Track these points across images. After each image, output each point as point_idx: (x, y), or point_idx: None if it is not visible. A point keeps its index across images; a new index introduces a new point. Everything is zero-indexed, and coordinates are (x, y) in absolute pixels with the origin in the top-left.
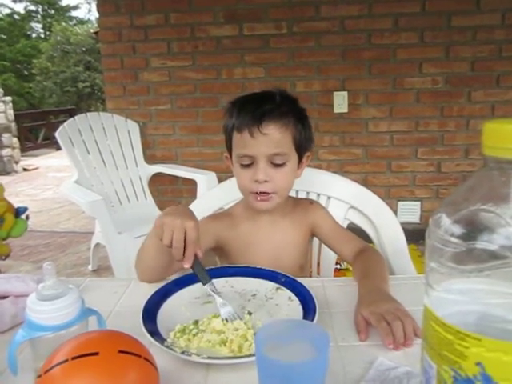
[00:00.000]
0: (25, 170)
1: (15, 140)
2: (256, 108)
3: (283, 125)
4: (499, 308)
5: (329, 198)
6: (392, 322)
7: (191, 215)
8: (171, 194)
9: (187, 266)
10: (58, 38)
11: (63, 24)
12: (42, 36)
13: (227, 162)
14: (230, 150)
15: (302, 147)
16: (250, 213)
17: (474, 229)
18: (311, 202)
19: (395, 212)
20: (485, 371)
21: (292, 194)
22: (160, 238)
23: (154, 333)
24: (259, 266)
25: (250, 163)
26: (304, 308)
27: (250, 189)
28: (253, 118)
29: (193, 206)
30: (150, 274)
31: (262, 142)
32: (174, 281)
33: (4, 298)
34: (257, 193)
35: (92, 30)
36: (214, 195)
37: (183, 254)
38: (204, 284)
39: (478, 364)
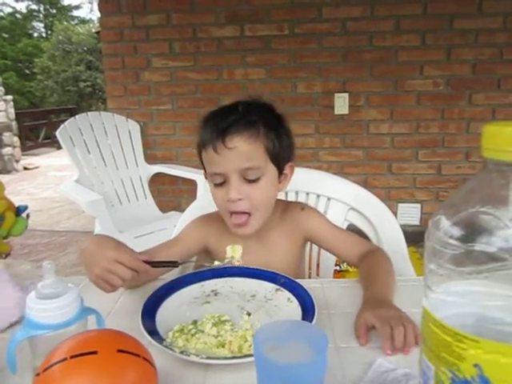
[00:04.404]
0: (25, 168)
1: (16, 139)
2: (219, 121)
3: (251, 135)
4: (497, 310)
5: (329, 199)
6: (395, 327)
7: (104, 247)
8: (171, 193)
9: (149, 273)
10: (60, 37)
11: (65, 23)
12: (44, 35)
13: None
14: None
15: (280, 158)
16: None
17: (472, 231)
18: (302, 207)
19: (395, 214)
20: (482, 373)
21: (291, 194)
22: (108, 289)
23: (153, 332)
24: (259, 267)
25: (222, 181)
26: (303, 309)
27: (225, 209)
28: (216, 131)
29: (193, 207)
30: (129, 286)
31: (229, 158)
32: (173, 281)
33: None
34: (233, 213)
35: (94, 30)
36: None
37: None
38: (177, 266)
39: (475, 366)
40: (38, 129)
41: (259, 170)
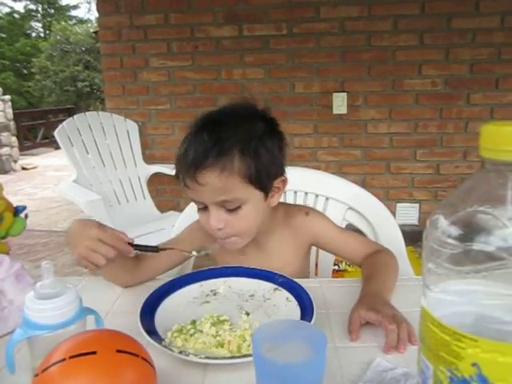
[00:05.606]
0: (23, 168)
1: (14, 139)
2: (189, 152)
3: (223, 168)
4: (496, 309)
5: (327, 198)
6: (389, 325)
7: (88, 226)
8: (170, 193)
9: (132, 255)
10: (58, 37)
11: (63, 23)
12: (42, 35)
13: None
14: None
15: (263, 180)
16: None
17: (470, 230)
18: (307, 211)
19: (393, 214)
20: (481, 372)
21: (290, 194)
22: (92, 268)
23: (152, 332)
24: (257, 267)
25: (204, 207)
26: (302, 309)
27: (210, 230)
28: (185, 166)
29: (191, 206)
30: (125, 283)
31: (202, 192)
32: (172, 281)
33: None
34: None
35: (92, 30)
36: None
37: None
38: (158, 251)
39: (474, 365)
40: (36, 129)
41: (237, 201)
